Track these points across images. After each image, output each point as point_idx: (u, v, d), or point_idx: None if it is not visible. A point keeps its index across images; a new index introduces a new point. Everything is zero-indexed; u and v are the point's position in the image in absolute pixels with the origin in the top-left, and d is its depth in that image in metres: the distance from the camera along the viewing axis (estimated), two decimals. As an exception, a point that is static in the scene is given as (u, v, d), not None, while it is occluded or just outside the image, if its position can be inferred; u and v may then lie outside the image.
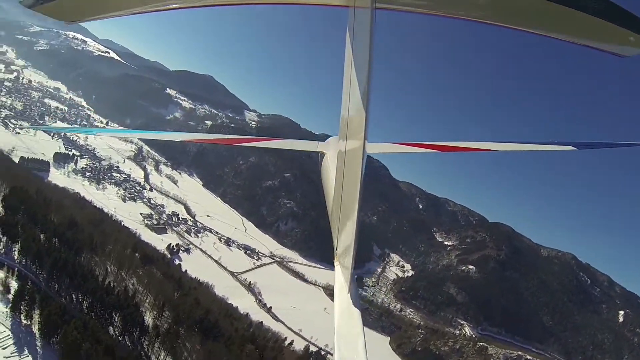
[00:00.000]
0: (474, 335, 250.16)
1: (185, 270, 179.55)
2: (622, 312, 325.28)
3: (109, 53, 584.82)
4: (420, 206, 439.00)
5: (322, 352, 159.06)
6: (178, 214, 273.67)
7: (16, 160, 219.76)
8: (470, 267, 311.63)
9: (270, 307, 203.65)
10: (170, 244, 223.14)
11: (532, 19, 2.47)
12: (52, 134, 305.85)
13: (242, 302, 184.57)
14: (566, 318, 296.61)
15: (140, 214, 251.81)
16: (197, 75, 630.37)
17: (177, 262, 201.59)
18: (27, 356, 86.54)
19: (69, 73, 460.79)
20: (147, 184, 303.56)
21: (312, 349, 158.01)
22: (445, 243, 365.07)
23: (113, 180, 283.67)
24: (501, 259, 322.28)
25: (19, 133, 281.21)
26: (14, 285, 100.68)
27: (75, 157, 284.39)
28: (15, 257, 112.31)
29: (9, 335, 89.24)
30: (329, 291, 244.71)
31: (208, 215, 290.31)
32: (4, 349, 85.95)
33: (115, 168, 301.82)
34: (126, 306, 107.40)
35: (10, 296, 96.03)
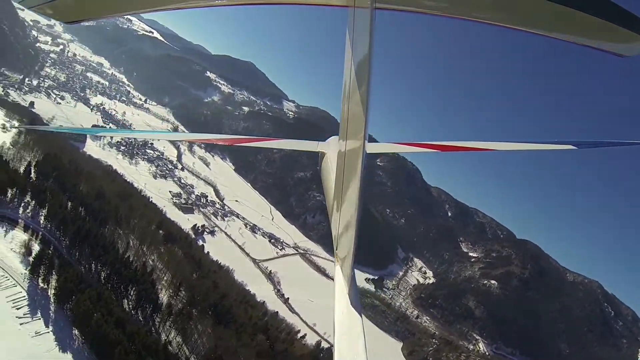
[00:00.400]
0: (487, 353, 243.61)
1: (208, 252, 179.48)
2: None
3: (152, 33, 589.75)
4: (449, 214, 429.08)
5: (334, 349, 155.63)
6: (207, 196, 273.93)
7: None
8: (493, 282, 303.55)
9: (288, 298, 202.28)
10: (195, 224, 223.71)
11: (532, 19, 2.47)
12: (91, 107, 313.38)
13: (260, 290, 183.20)
14: (584, 348, 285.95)
15: (170, 192, 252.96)
16: (239, 61, 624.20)
17: (200, 243, 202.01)
18: (39, 319, 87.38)
19: (112, 49, 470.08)
20: (179, 163, 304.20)
21: (324, 345, 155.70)
22: (470, 254, 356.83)
23: (146, 157, 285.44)
24: (525, 278, 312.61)
25: (59, 103, 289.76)
26: (36, 248, 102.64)
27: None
28: (41, 221, 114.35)
29: (24, 296, 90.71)
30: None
31: (236, 200, 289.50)
32: (18, 309, 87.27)
33: (149, 145, 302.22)
34: (143, 281, 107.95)
35: (31, 259, 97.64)
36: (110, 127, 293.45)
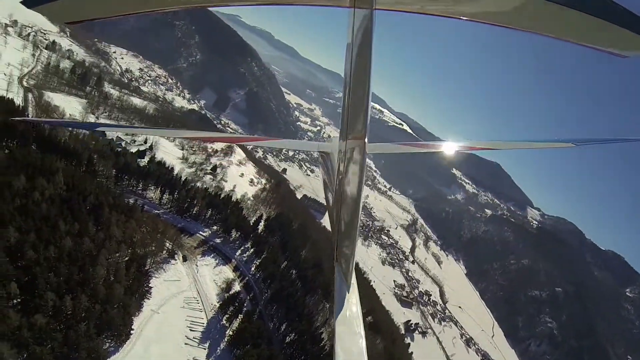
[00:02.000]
0: None
1: (411, 353, 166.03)
2: None
3: (402, 125, 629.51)
4: None
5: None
6: (430, 295, 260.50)
7: (299, 196, 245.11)
8: None
9: None
10: (409, 320, 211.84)
11: (532, 19, 2.48)
12: None
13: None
14: None
15: (394, 281, 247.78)
16: (485, 161, 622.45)
17: (407, 341, 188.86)
18: (204, 350, 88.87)
19: None
20: (411, 256, 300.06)
21: None
22: None
23: (380, 242, 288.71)
24: None
25: (309, 175, 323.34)
26: (235, 289, 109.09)
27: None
28: (252, 269, 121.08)
29: (203, 323, 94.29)
30: None
31: (460, 307, 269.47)
32: (191, 330, 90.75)
33: (385, 231, 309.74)
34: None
35: (226, 296, 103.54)
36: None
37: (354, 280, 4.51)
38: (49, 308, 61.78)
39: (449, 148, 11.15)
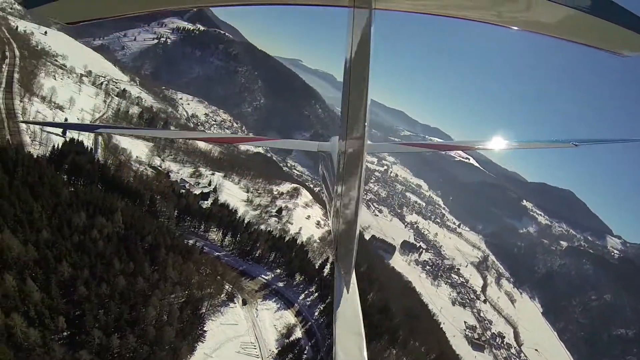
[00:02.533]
0: None
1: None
2: None
3: (469, 160, 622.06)
4: None
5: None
6: (504, 337, 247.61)
7: (367, 237, 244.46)
8: None
9: None
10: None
11: (532, 19, 2.50)
12: (405, 224, 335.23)
13: None
14: None
15: (465, 322, 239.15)
16: (557, 189, 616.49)
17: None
18: None
19: (430, 173, 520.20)
20: (483, 295, 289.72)
21: None
22: None
23: (450, 281, 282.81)
24: None
25: (377, 215, 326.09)
26: (297, 335, 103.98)
27: (421, 250, 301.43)
28: (315, 314, 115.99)
29: None
30: None
31: (536, 349, 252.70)
32: None
33: (455, 270, 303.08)
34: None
35: (286, 342, 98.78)
36: (420, 245, 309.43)
37: (354, 280, 4.51)
38: (94, 345, 61.39)
39: (449, 148, 11.79)
